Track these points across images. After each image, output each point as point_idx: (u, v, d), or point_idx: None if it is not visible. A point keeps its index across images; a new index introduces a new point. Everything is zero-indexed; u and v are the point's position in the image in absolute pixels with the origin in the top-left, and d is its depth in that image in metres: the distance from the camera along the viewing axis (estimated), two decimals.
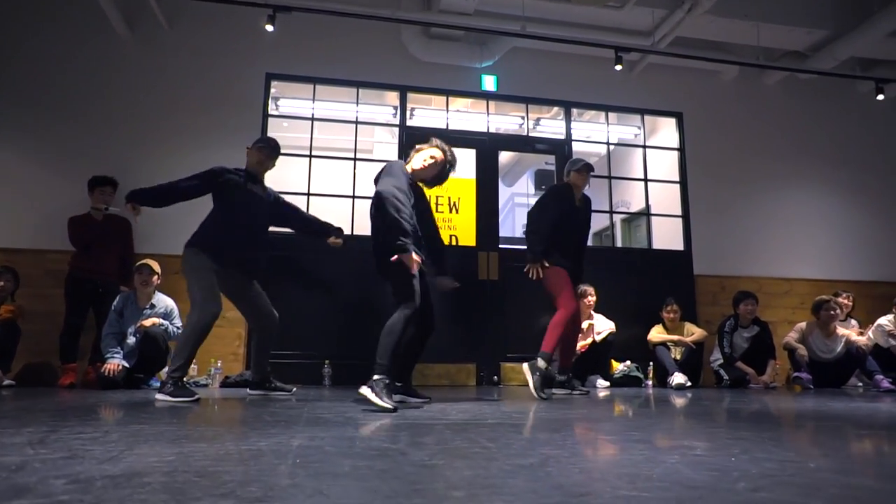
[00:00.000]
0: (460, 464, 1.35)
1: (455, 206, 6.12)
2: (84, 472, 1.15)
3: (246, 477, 1.14)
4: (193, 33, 5.36)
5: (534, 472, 1.24)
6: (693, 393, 4.37)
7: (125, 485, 1.04)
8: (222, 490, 1.02)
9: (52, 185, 4.87)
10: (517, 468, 1.28)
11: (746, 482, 1.12)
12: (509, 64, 5.87)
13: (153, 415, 2.38)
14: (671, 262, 5.93)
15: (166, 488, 1.03)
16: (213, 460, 1.32)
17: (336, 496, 0.99)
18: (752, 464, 1.33)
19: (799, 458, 1.46)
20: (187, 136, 5.16)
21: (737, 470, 1.25)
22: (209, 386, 4.52)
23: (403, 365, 3.37)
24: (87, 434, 1.71)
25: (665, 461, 1.37)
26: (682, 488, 1.06)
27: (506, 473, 1.22)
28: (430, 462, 1.35)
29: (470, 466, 1.31)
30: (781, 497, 1.00)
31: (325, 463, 1.32)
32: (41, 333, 4.53)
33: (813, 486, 1.10)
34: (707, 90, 6.33)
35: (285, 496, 0.99)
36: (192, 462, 1.29)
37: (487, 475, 1.21)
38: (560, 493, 1.03)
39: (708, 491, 1.04)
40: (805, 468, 1.31)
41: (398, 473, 1.21)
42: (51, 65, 5.06)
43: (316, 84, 5.55)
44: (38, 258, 4.74)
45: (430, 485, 1.13)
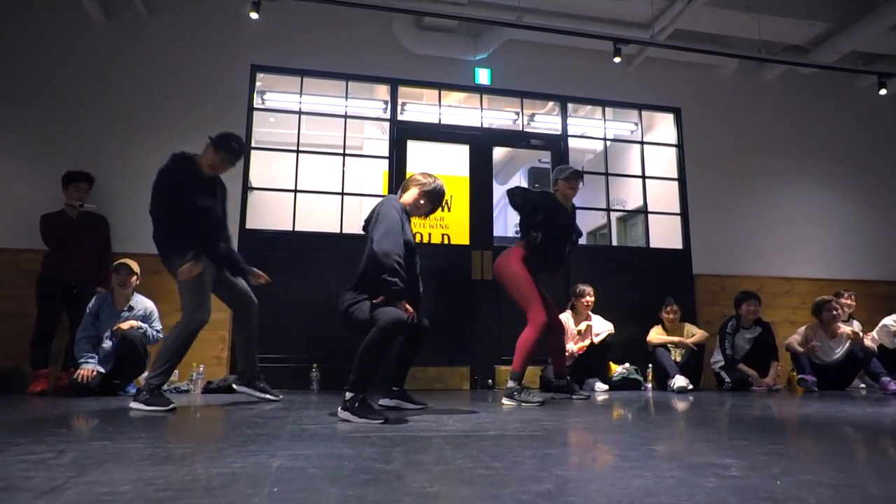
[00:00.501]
0: (466, 491, 1.16)
1: (447, 204, 5.95)
2: None
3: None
4: (174, 22, 5.12)
5: (554, 502, 1.05)
6: (695, 397, 4.21)
7: None
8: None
9: (25, 181, 4.62)
10: (534, 497, 1.09)
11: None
12: (504, 57, 5.68)
13: (121, 428, 2.17)
14: (670, 261, 5.77)
15: None
16: (174, 490, 1.12)
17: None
18: (803, 489, 1.15)
19: (852, 480, 1.29)
20: (167, 129, 4.92)
21: (791, 499, 1.07)
22: (191, 391, 4.30)
23: (398, 369, 3.20)
24: (36, 455, 1.50)
25: (702, 485, 1.19)
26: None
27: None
28: (430, 489, 1.16)
29: (479, 496, 1.12)
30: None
31: (309, 491, 1.12)
32: (12, 337, 4.29)
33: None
34: (706, 85, 6.18)
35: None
36: (150, 493, 1.09)
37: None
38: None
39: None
40: (868, 495, 1.14)
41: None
42: (21, 53, 4.80)
43: (303, 77, 5.33)
44: (10, 257, 4.49)
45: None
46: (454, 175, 5.80)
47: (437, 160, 5.78)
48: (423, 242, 5.78)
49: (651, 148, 6.33)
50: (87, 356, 3.78)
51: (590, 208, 6.50)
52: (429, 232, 6.20)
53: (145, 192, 4.81)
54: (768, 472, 1.32)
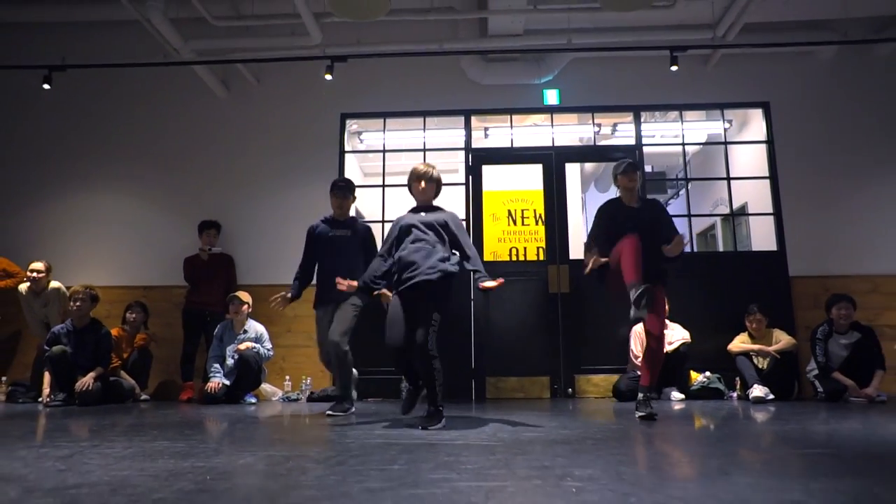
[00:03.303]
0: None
1: (541, 217, 6.21)
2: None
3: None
4: (278, 85, 6.06)
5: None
6: (777, 407, 4.08)
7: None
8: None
9: (174, 231, 5.78)
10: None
11: None
12: (571, 75, 5.86)
13: (194, 431, 2.87)
14: (762, 263, 5.52)
15: None
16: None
17: None
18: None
19: None
20: (275, 177, 5.85)
21: None
22: (300, 400, 5.11)
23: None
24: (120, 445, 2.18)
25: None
26: None
27: None
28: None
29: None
30: None
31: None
32: (170, 357, 5.42)
33: None
34: (799, 74, 5.79)
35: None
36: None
37: None
38: None
39: None
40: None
41: None
42: (164, 126, 6.03)
43: (386, 118, 5.99)
44: (166, 293, 5.67)
45: None
46: (530, 189, 6.07)
47: (512, 179, 6.12)
48: (502, 260, 6.09)
49: (747, 146, 6.07)
50: (214, 371, 4.73)
51: (680, 215, 6.37)
52: (524, 247, 6.52)
53: (262, 231, 5.80)
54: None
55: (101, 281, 5.65)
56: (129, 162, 5.97)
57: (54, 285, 5.15)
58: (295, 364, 5.48)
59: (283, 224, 5.74)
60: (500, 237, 6.48)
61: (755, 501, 1.34)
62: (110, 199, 5.91)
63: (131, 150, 6.00)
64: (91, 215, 5.87)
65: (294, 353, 5.53)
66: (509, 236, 6.49)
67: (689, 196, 5.94)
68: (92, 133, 6.04)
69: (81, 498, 1.41)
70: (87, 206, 5.90)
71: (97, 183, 5.94)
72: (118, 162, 5.97)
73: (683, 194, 8.85)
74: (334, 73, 5.29)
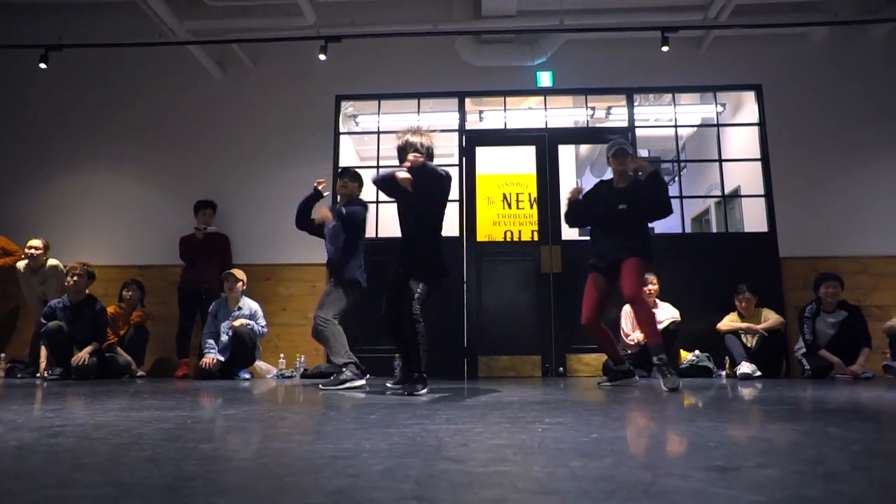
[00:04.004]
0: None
1: (536, 201, 6.25)
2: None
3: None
4: (274, 67, 6.09)
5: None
6: (763, 384, 4.13)
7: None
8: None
9: (170, 210, 5.83)
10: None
11: None
12: (564, 57, 5.88)
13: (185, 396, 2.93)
14: (753, 245, 5.56)
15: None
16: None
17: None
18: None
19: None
20: (270, 158, 5.89)
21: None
22: (294, 377, 5.17)
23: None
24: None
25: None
26: None
27: None
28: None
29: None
30: None
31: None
32: (166, 334, 5.48)
33: None
34: (791, 56, 5.80)
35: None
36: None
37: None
38: None
39: None
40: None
41: None
42: (161, 107, 6.06)
43: (380, 100, 6.02)
44: (162, 272, 5.72)
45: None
46: (525, 173, 6.12)
47: (508, 162, 6.16)
48: (495, 241, 6.12)
49: (740, 130, 6.10)
50: (209, 347, 4.79)
51: (674, 197, 6.41)
52: (519, 230, 6.57)
53: (258, 212, 5.86)
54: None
55: (98, 260, 5.70)
56: (127, 142, 6.01)
57: (52, 262, 5.21)
58: (289, 342, 5.55)
59: (278, 205, 5.77)
60: (496, 220, 6.53)
61: (712, 438, 1.40)
62: (107, 179, 5.96)
63: (129, 130, 6.04)
64: (88, 195, 5.92)
65: (289, 331, 5.60)
66: (504, 219, 6.54)
67: (681, 179, 5.96)
68: (90, 113, 6.08)
69: (65, 433, 1.47)
70: (84, 185, 5.95)
71: (94, 163, 5.98)
72: (115, 142, 6.01)
73: (678, 180, 8.90)
74: (329, 56, 5.32)
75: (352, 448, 1.22)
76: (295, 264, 5.66)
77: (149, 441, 1.32)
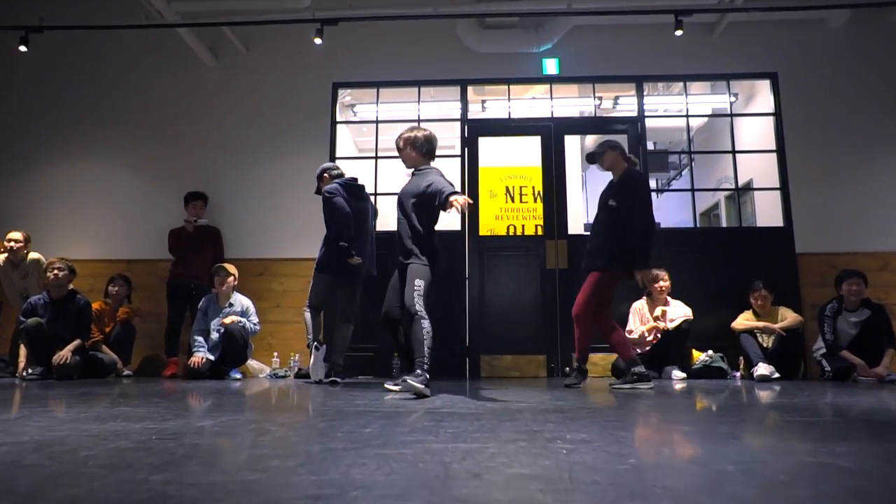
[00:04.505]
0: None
1: (540, 195, 6.01)
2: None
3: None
4: (268, 54, 5.83)
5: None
6: (783, 386, 3.90)
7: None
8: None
9: (158, 202, 5.59)
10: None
11: None
12: (571, 44, 5.63)
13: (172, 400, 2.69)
14: (768, 240, 5.32)
15: None
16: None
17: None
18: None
19: None
20: (265, 148, 5.65)
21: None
22: (287, 377, 4.94)
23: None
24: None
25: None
26: None
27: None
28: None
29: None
30: None
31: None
32: (155, 331, 5.24)
33: None
34: (808, 43, 5.55)
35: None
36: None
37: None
38: None
39: None
40: None
41: None
42: (151, 97, 5.81)
43: (379, 87, 5.77)
44: (150, 267, 5.48)
45: None
46: (529, 165, 5.88)
47: (511, 155, 5.92)
48: (499, 235, 5.88)
49: (755, 119, 5.86)
50: (198, 346, 4.55)
51: (685, 190, 6.19)
52: (522, 224, 6.32)
53: (251, 204, 5.62)
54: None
55: (84, 254, 5.47)
56: (113, 131, 5.76)
57: (33, 256, 4.97)
58: (283, 340, 5.31)
59: (272, 196, 5.55)
60: (498, 214, 6.29)
61: (775, 463, 1.16)
62: (92, 170, 5.71)
63: (116, 118, 5.78)
64: (72, 186, 5.67)
65: (283, 328, 5.36)
66: (507, 213, 6.30)
67: (692, 171, 5.71)
68: (73, 100, 5.82)
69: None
70: (67, 176, 5.70)
71: (78, 152, 5.73)
72: (101, 131, 5.76)
73: (686, 173, 8.65)
74: (326, 42, 5.06)
75: (338, 481, 0.99)
76: (289, 259, 5.43)
77: (92, 468, 1.08)
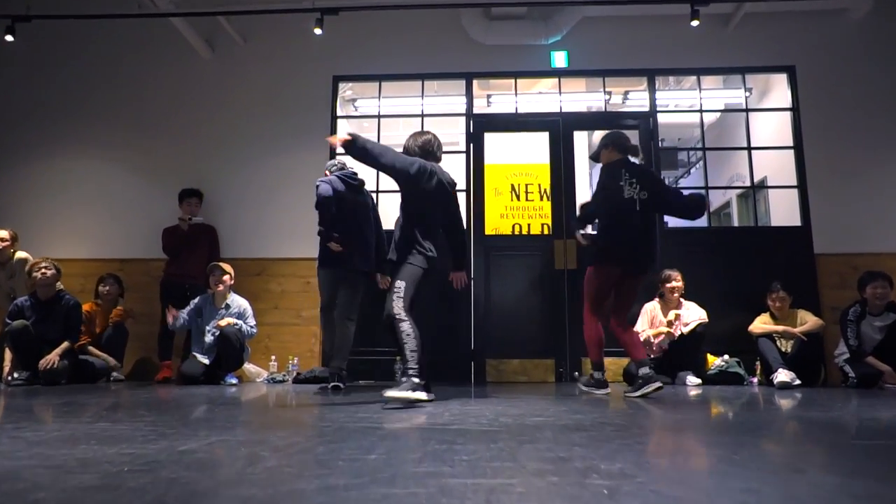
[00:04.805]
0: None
1: (546, 193, 5.83)
2: None
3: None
4: (266, 45, 5.64)
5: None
6: (805, 393, 3.71)
7: None
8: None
9: (152, 200, 5.40)
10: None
11: None
12: (581, 36, 5.43)
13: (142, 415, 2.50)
14: (785, 240, 5.12)
15: None
16: None
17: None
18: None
19: None
20: (263, 143, 5.46)
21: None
22: (286, 381, 4.74)
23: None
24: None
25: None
26: None
27: None
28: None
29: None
30: None
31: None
32: (148, 334, 5.05)
33: None
34: (828, 35, 5.35)
35: None
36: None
37: None
38: None
39: None
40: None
41: None
42: (146, 91, 5.61)
43: (381, 81, 5.57)
44: (144, 266, 5.29)
45: None
46: (535, 163, 5.68)
47: (516, 152, 5.72)
48: (504, 234, 5.68)
49: (769, 115, 5.67)
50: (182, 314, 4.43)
51: (697, 187, 6.00)
52: (528, 223, 6.13)
53: (248, 201, 5.41)
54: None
55: (74, 253, 5.29)
56: (105, 125, 5.56)
57: (20, 255, 4.77)
58: (281, 343, 5.12)
59: (270, 193, 5.36)
60: (503, 213, 6.08)
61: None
62: (84, 166, 5.51)
63: (107, 112, 5.59)
64: (62, 182, 5.48)
65: (281, 331, 5.16)
66: (512, 212, 6.09)
67: (706, 166, 5.51)
68: (62, 93, 5.63)
69: None
70: (57, 172, 5.50)
71: (69, 147, 5.54)
72: (92, 125, 5.57)
73: (694, 171, 8.45)
74: (326, 33, 4.87)
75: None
76: (287, 258, 5.24)
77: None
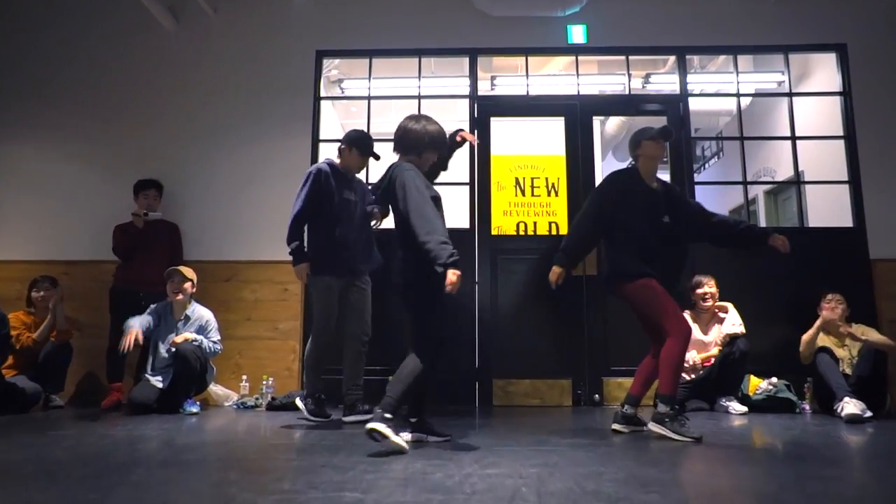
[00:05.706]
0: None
1: (554, 187, 5.18)
2: None
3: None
4: (240, 15, 4.93)
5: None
6: (877, 429, 3.07)
7: None
8: None
9: (103, 193, 4.68)
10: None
11: None
12: (602, 8, 4.76)
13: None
14: (834, 243, 4.48)
15: None
16: None
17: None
18: None
19: None
20: (235, 128, 4.76)
21: None
22: (258, 407, 4.03)
23: (417, 396, 2.66)
24: None
25: None
26: None
27: None
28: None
29: None
30: None
31: None
32: (97, 349, 4.31)
33: None
34: (884, 9, 4.71)
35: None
36: None
37: None
38: None
39: None
40: None
41: None
42: (98, 69, 4.89)
43: (372, 58, 4.87)
44: (93, 270, 4.54)
45: None
46: (542, 154, 5.01)
47: (520, 142, 5.04)
48: (510, 234, 5.01)
49: (807, 101, 5.02)
50: (130, 325, 3.63)
51: (721, 182, 5.36)
52: (534, 221, 5.47)
53: (217, 195, 4.63)
54: None
55: (9, 254, 4.59)
56: (51, 107, 4.82)
57: None
58: (254, 360, 4.39)
59: (242, 187, 4.65)
60: (506, 209, 5.41)
61: None
62: (23, 153, 4.78)
63: (54, 92, 4.85)
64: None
65: (254, 346, 4.44)
66: (516, 208, 5.42)
67: (744, 157, 4.85)
68: (3, 69, 4.88)
69: None
70: None
71: (8, 131, 4.79)
72: (36, 107, 4.82)
73: (711, 164, 7.81)
74: (309, 2, 4.18)
75: None
76: (263, 262, 4.52)
77: None
